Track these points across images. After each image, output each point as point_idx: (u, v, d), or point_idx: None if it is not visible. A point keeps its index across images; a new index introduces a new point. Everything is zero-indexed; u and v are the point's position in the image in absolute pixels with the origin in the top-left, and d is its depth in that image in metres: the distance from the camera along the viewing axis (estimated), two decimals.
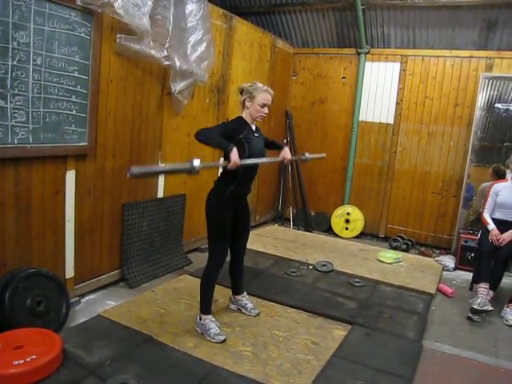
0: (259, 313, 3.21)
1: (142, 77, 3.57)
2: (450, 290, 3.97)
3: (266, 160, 3.05)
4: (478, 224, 4.31)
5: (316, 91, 6.19)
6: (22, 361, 2.18)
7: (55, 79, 2.79)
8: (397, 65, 5.61)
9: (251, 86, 2.79)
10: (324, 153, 6.00)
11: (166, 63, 3.49)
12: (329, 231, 6.09)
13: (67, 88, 2.89)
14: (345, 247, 5.19)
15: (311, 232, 6.01)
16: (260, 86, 2.79)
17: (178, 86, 3.75)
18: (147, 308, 3.15)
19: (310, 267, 4.32)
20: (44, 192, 2.91)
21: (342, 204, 6.09)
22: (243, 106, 2.84)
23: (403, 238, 5.56)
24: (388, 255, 4.75)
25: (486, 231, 3.84)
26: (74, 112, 2.98)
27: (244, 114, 2.84)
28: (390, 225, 5.87)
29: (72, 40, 2.85)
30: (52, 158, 2.91)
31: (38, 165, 2.84)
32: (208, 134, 2.61)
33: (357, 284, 3.94)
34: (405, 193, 5.75)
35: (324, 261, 4.43)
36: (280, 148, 3.06)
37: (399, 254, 4.86)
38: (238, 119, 2.83)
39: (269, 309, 3.32)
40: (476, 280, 3.87)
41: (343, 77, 5.99)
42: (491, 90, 5.06)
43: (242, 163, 2.59)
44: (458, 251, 4.77)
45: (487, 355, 2.91)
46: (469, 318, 3.45)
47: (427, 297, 3.80)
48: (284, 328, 3.04)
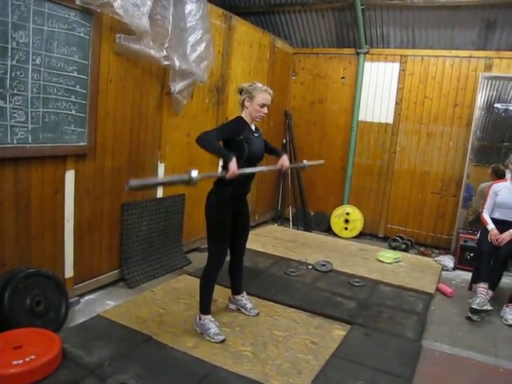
0: (258, 313, 3.21)
1: (142, 77, 3.57)
2: (450, 290, 3.97)
3: (265, 168, 3.12)
4: (478, 224, 4.31)
5: (315, 91, 6.19)
6: (21, 361, 2.18)
7: (54, 79, 2.79)
8: (396, 65, 5.61)
9: (250, 86, 2.79)
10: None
11: (166, 63, 3.49)
12: (328, 231, 6.09)
13: (66, 88, 2.89)
14: (344, 247, 5.19)
15: (310, 232, 6.01)
16: (259, 86, 2.79)
17: (178, 86, 3.76)
18: (146, 308, 3.15)
19: (310, 267, 4.32)
20: (43, 192, 2.91)
21: (342, 204, 6.09)
22: (242, 106, 2.84)
23: (402, 238, 5.56)
24: (387, 255, 4.75)
25: (486, 231, 3.85)
26: (74, 112, 2.98)
27: (243, 114, 2.84)
28: (390, 225, 5.87)
29: (71, 40, 2.85)
30: (51, 158, 2.91)
31: (38, 165, 2.84)
32: (209, 141, 2.59)
33: (356, 284, 3.94)
34: (404, 193, 5.75)
35: (323, 261, 4.43)
36: (279, 155, 3.07)
37: (398, 254, 4.86)
38: (238, 119, 2.82)
39: (268, 309, 3.32)
40: (475, 280, 3.87)
41: (342, 77, 5.99)
42: (490, 90, 5.06)
43: (241, 172, 2.61)
44: (458, 251, 4.78)
45: (486, 355, 2.92)
46: (468, 318, 3.46)
47: (426, 297, 3.80)
48: (283, 328, 3.04)
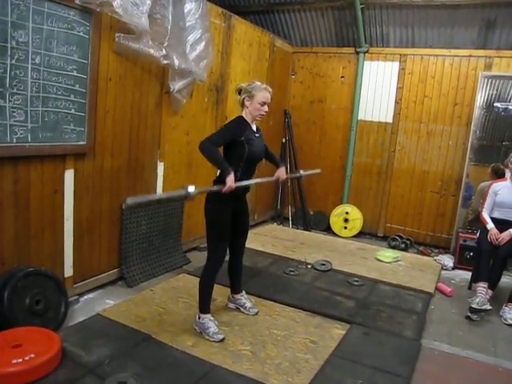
0: (258, 312, 3.21)
1: (141, 76, 3.57)
2: (449, 289, 3.97)
3: (261, 180, 3.16)
4: (477, 223, 4.31)
5: (315, 90, 6.18)
6: (21, 359, 2.18)
7: (54, 78, 2.79)
8: (396, 64, 5.61)
9: (249, 85, 2.79)
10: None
11: (165, 62, 3.49)
12: (327, 230, 6.09)
13: (66, 87, 2.88)
14: (343, 246, 5.19)
15: (310, 231, 6.02)
16: (258, 85, 2.79)
17: (177, 85, 3.76)
18: (146, 307, 3.16)
19: (309, 266, 4.32)
20: (43, 191, 2.91)
21: (341, 203, 6.09)
22: (242, 106, 2.84)
23: (402, 238, 5.56)
24: (387, 254, 4.76)
25: (485, 230, 3.84)
26: (73, 111, 2.98)
27: (244, 114, 2.84)
28: (389, 224, 5.87)
29: (71, 39, 2.84)
30: (51, 157, 2.91)
31: (37, 164, 2.84)
32: (212, 153, 2.63)
33: (355, 283, 3.94)
34: (404, 192, 5.75)
35: (323, 260, 4.43)
36: (277, 165, 3.11)
37: (398, 254, 4.86)
38: (238, 119, 2.82)
39: (267, 308, 3.32)
40: (475, 279, 3.87)
41: (342, 76, 5.98)
42: (490, 89, 5.06)
43: (237, 185, 2.66)
44: (457, 250, 4.78)
45: (486, 354, 2.92)
46: (467, 317, 3.46)
47: (426, 296, 3.80)
48: (282, 327, 3.04)
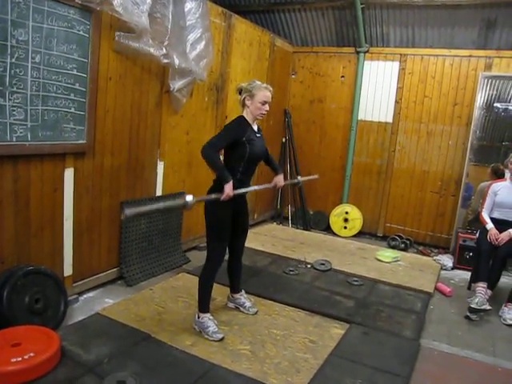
0: (257, 311, 3.21)
1: (141, 75, 3.57)
2: (448, 289, 3.97)
3: (259, 187, 3.17)
4: (477, 223, 4.31)
5: (315, 90, 6.18)
6: (20, 358, 2.18)
7: (54, 77, 2.79)
8: (396, 64, 5.61)
9: (250, 85, 2.79)
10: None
11: (165, 61, 3.49)
12: (327, 230, 6.09)
13: (66, 86, 2.88)
14: (343, 246, 5.19)
15: (310, 231, 6.02)
16: (259, 84, 2.79)
17: (177, 84, 3.76)
18: (145, 306, 3.16)
19: (309, 266, 4.32)
20: (42, 190, 2.91)
21: (341, 203, 6.09)
22: (243, 106, 2.84)
23: (401, 237, 5.56)
24: (386, 254, 4.76)
25: (485, 231, 3.84)
26: (73, 110, 2.98)
27: (245, 114, 2.83)
28: (389, 224, 5.87)
29: (71, 38, 2.84)
30: (50, 156, 2.91)
31: (37, 162, 2.83)
32: (213, 158, 2.65)
33: (355, 283, 3.94)
34: (403, 192, 5.75)
35: (322, 259, 4.44)
36: (276, 171, 3.13)
37: (397, 253, 4.86)
38: (239, 119, 2.81)
39: (267, 307, 3.32)
40: (474, 279, 3.88)
41: (342, 76, 5.98)
42: (490, 90, 5.06)
43: (235, 193, 2.68)
44: (457, 250, 4.78)
45: (485, 354, 2.92)
46: (467, 317, 3.46)
47: (425, 296, 3.80)
48: (282, 326, 3.04)
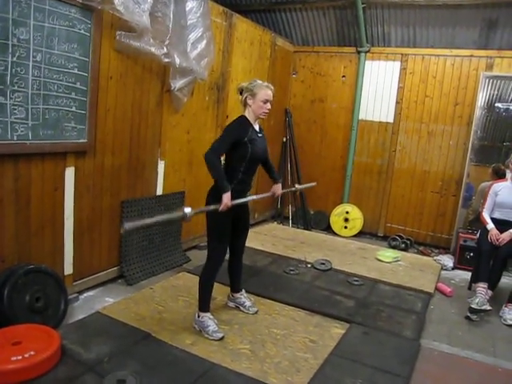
0: (257, 311, 3.21)
1: (142, 74, 3.57)
2: (449, 290, 3.97)
3: (257, 197, 3.18)
4: (477, 223, 4.31)
5: (316, 90, 6.18)
6: (20, 357, 2.19)
7: (55, 76, 2.79)
8: (397, 64, 5.61)
9: (251, 84, 2.79)
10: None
11: (166, 60, 3.49)
12: (328, 230, 6.09)
13: (67, 85, 2.88)
14: (343, 246, 5.19)
15: (310, 230, 6.01)
16: (260, 83, 2.79)
17: (178, 84, 3.76)
18: (145, 305, 3.16)
19: (309, 265, 4.32)
20: (43, 188, 2.91)
21: (341, 203, 6.09)
22: (245, 105, 2.83)
23: (402, 237, 5.56)
24: (387, 254, 4.76)
25: (485, 231, 3.84)
26: (74, 109, 2.98)
27: (247, 113, 2.83)
28: (389, 224, 5.87)
29: (72, 37, 2.84)
30: (51, 155, 2.91)
31: (38, 161, 2.84)
32: (215, 167, 2.65)
33: (355, 283, 3.94)
34: (404, 192, 5.74)
35: (322, 259, 4.43)
36: (275, 180, 3.14)
37: (398, 253, 4.86)
38: (241, 119, 2.81)
39: (267, 307, 3.32)
40: (475, 279, 3.88)
41: (343, 75, 5.98)
42: (491, 90, 5.06)
43: (234, 203, 2.68)
44: (457, 251, 4.77)
45: (485, 354, 2.92)
46: (467, 318, 3.46)
47: (425, 296, 3.80)
48: (282, 326, 3.04)
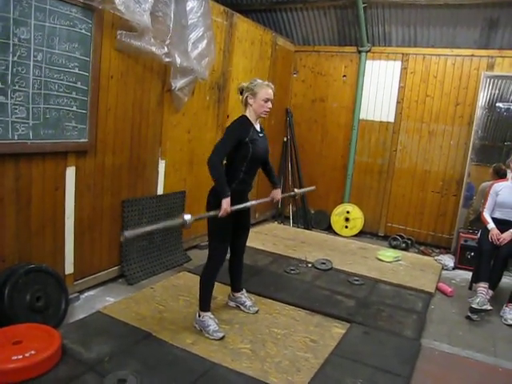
0: (258, 310, 3.21)
1: (143, 73, 3.57)
2: (449, 289, 3.97)
3: (256, 202, 3.17)
4: (478, 223, 4.31)
5: (316, 89, 6.17)
6: (21, 356, 2.19)
7: (56, 75, 2.79)
8: (398, 63, 5.60)
9: (251, 83, 2.79)
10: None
11: (167, 60, 3.49)
12: (328, 229, 6.09)
13: (67, 84, 2.88)
14: (344, 245, 5.19)
15: (311, 230, 6.01)
16: (260, 82, 2.79)
17: (179, 83, 3.76)
18: (146, 305, 3.16)
19: (309, 265, 4.32)
20: (44, 188, 2.91)
21: (342, 202, 6.09)
22: (246, 105, 2.83)
23: (403, 237, 5.56)
24: (387, 254, 4.75)
25: (486, 231, 3.84)
26: (75, 108, 2.98)
27: (248, 113, 2.83)
28: (390, 223, 5.87)
29: (72, 36, 2.84)
30: (52, 154, 2.91)
31: (38, 161, 2.84)
32: (218, 172, 2.66)
33: (356, 282, 3.94)
34: (405, 191, 5.74)
35: (323, 259, 4.44)
36: (274, 185, 3.16)
37: (399, 253, 4.86)
38: (241, 119, 2.80)
39: (267, 306, 3.32)
40: (475, 279, 3.87)
41: (344, 75, 5.97)
42: (492, 89, 5.04)
43: (233, 209, 2.69)
44: (458, 250, 4.77)
45: (486, 354, 2.92)
46: (468, 317, 3.46)
47: (426, 296, 3.80)
48: (282, 326, 3.04)
